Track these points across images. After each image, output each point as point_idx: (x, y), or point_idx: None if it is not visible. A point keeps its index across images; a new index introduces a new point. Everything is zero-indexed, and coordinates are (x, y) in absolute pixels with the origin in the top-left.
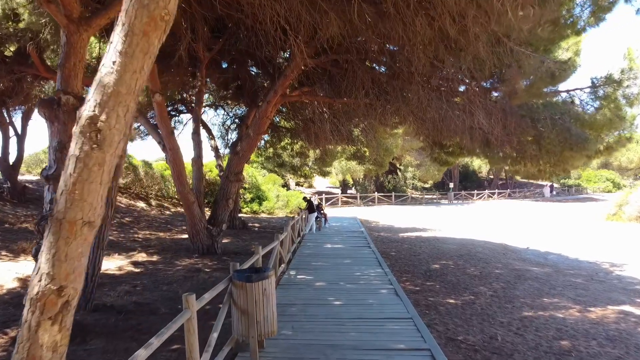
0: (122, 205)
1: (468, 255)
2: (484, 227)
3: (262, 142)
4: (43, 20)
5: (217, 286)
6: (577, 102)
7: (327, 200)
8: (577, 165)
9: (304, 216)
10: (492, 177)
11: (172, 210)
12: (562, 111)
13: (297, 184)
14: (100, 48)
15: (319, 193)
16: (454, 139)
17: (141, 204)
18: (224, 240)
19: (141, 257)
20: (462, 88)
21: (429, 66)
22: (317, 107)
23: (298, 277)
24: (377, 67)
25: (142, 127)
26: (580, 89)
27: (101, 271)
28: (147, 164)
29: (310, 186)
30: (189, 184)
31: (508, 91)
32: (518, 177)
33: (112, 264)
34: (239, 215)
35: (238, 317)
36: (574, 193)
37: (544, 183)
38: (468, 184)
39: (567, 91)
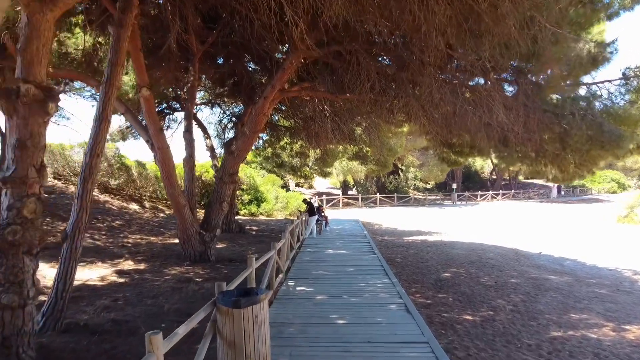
0: (114, 208)
1: (479, 261)
2: (491, 230)
3: (261, 141)
4: (19, 8)
5: (197, 314)
6: (604, 95)
7: (327, 201)
8: (602, 165)
9: (304, 218)
10: (494, 177)
11: (167, 212)
12: (591, 105)
13: (297, 184)
14: (84, 39)
15: (320, 194)
16: (466, 137)
17: (134, 206)
18: (219, 246)
19: (128, 265)
20: (475, 81)
21: (445, 55)
22: (318, 104)
23: (297, 288)
24: (384, 59)
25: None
26: (609, 81)
27: (82, 282)
28: (140, 164)
29: (311, 187)
30: (180, 185)
31: (538, 81)
32: (521, 178)
33: (94, 274)
34: (236, 218)
35: (224, 350)
36: (579, 194)
37: (550, 184)
38: (470, 184)
39: (595, 83)
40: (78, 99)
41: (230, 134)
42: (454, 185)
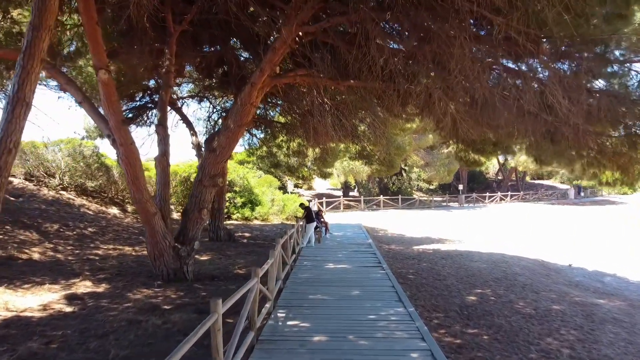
0: (90, 213)
1: (506, 279)
2: (508, 237)
3: (255, 139)
4: None
5: None
6: None
7: (327, 204)
8: None
9: (301, 223)
10: (500, 177)
11: None
12: None
13: (296, 185)
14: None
15: (319, 196)
16: (489, 133)
17: (114, 211)
18: (202, 258)
19: (84, 286)
20: (497, 64)
21: (482, 16)
22: (317, 96)
23: (289, 323)
24: (398, 31)
25: None
26: None
27: (15, 313)
28: None
29: (310, 188)
30: (149, 189)
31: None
32: (527, 178)
33: (37, 300)
34: (225, 224)
35: None
36: (589, 195)
37: (557, 184)
38: (475, 185)
39: None
40: (43, 89)
41: None
42: (460, 187)
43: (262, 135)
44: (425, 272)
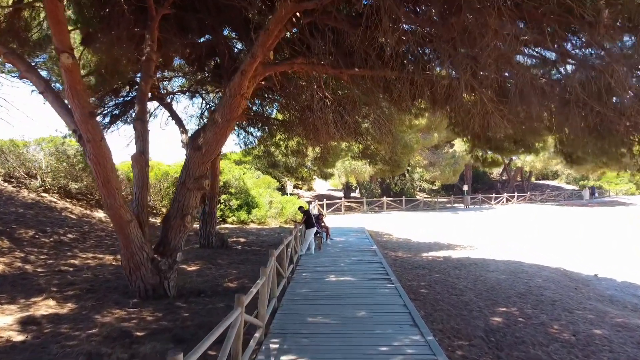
0: (72, 217)
1: (531, 293)
2: (521, 242)
3: (251, 137)
4: None
5: None
6: None
7: (328, 206)
8: None
9: (300, 227)
10: (505, 178)
11: None
12: None
13: (296, 186)
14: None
15: (320, 197)
16: (509, 129)
17: (99, 214)
18: (190, 268)
19: (46, 306)
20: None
21: None
22: (317, 91)
23: (283, 358)
24: (418, 4)
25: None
26: None
27: None
28: None
29: (310, 189)
30: (122, 193)
31: None
32: (533, 179)
33: None
34: (219, 228)
35: None
36: (597, 196)
37: (564, 185)
38: (479, 185)
39: None
40: (13, 81)
41: None
42: (465, 187)
43: (259, 134)
44: (438, 285)
